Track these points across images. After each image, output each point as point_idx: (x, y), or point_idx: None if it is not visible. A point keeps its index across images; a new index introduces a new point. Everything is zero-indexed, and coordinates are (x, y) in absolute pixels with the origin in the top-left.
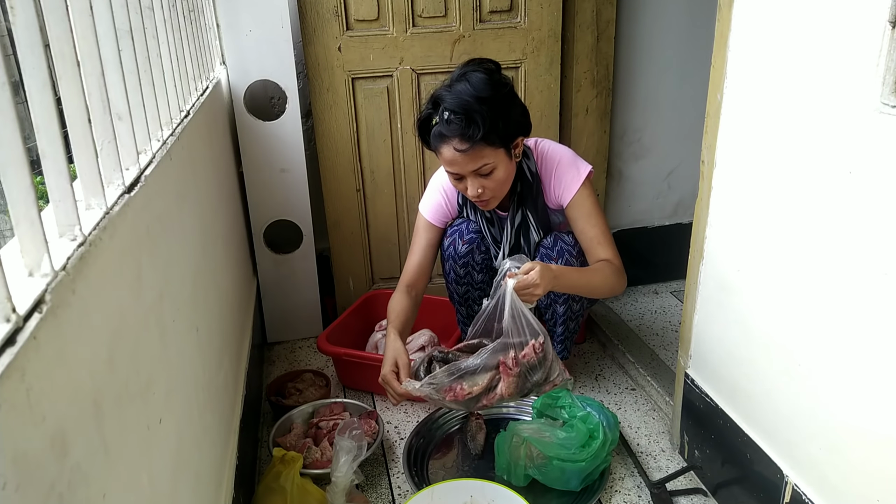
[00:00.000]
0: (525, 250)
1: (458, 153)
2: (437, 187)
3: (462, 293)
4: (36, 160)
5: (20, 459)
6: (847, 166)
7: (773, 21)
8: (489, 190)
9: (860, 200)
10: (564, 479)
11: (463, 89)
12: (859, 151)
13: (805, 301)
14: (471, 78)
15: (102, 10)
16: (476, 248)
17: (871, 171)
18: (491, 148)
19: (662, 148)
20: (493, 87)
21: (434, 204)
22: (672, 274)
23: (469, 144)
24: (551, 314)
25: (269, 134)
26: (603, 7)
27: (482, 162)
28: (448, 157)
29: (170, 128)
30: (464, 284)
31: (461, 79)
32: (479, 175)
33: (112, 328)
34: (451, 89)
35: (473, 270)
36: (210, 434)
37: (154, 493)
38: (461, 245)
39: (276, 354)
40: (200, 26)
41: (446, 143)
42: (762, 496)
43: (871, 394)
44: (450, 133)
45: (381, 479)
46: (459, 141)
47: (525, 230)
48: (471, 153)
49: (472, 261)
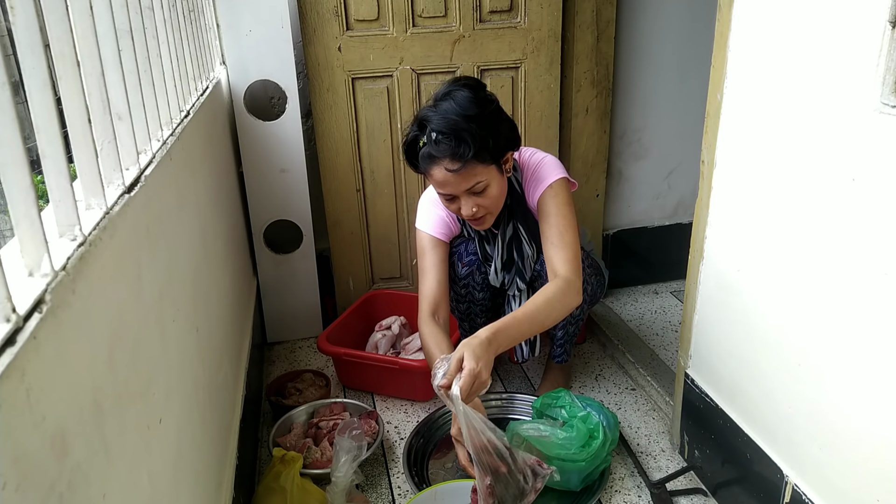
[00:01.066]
0: (518, 265)
1: (449, 173)
2: (431, 203)
3: (464, 310)
4: (36, 160)
5: (20, 459)
6: (847, 166)
7: (772, 21)
8: (483, 208)
9: (860, 200)
10: (564, 479)
11: (449, 108)
12: (859, 151)
13: (805, 301)
14: (455, 96)
15: (102, 10)
16: (476, 270)
17: (871, 170)
18: (482, 165)
19: (662, 148)
20: (479, 104)
21: (436, 219)
22: (672, 274)
23: (461, 164)
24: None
25: (269, 134)
26: (603, 7)
27: (475, 180)
28: (439, 178)
29: (170, 128)
30: (465, 303)
31: (445, 97)
32: (472, 194)
33: (112, 328)
34: (436, 109)
35: (474, 290)
36: (210, 434)
37: (154, 493)
38: (461, 267)
39: (276, 354)
40: (200, 26)
41: (436, 164)
42: (762, 496)
43: (872, 394)
44: (439, 154)
45: (381, 479)
46: (450, 161)
47: (517, 243)
48: (462, 172)
49: (472, 281)
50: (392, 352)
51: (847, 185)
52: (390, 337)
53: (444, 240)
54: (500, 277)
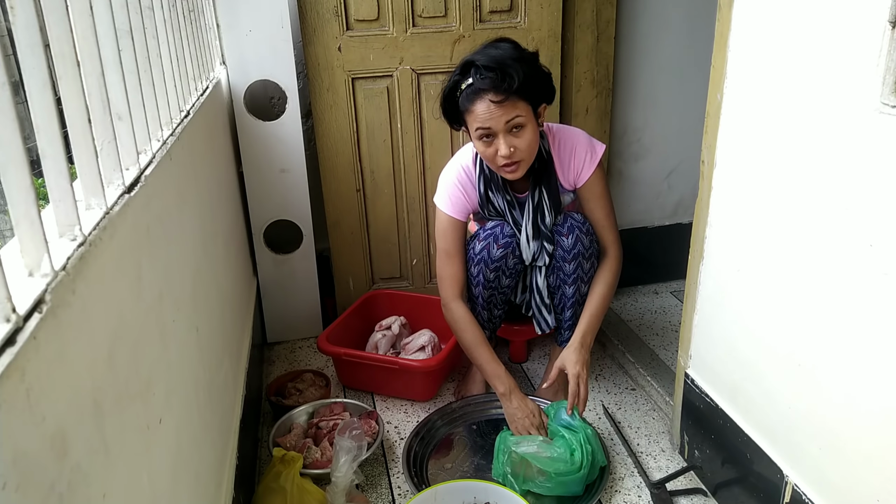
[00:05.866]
0: (544, 230)
1: (492, 104)
2: (452, 182)
3: (487, 297)
4: (36, 160)
5: (20, 459)
6: (847, 166)
7: (772, 21)
8: (519, 151)
9: (860, 200)
10: (567, 489)
11: (494, 51)
12: (859, 151)
13: (805, 301)
14: (500, 45)
15: (102, 10)
16: (510, 253)
17: (871, 170)
18: (524, 101)
19: (662, 148)
20: (523, 52)
21: (455, 199)
22: (672, 274)
23: (504, 96)
24: (559, 298)
25: (269, 134)
26: (603, 7)
27: (515, 113)
28: (481, 111)
29: (170, 128)
30: (490, 289)
31: (490, 46)
32: (510, 131)
33: (112, 328)
34: (481, 53)
35: (503, 275)
36: (210, 434)
37: (154, 493)
38: (496, 249)
39: (276, 354)
40: (200, 26)
41: (480, 97)
42: (762, 496)
43: (872, 394)
44: (485, 86)
45: (381, 479)
46: (494, 93)
47: (541, 212)
48: (506, 104)
49: (504, 265)
50: (392, 352)
51: (847, 186)
52: (390, 337)
53: (462, 220)
54: (531, 249)
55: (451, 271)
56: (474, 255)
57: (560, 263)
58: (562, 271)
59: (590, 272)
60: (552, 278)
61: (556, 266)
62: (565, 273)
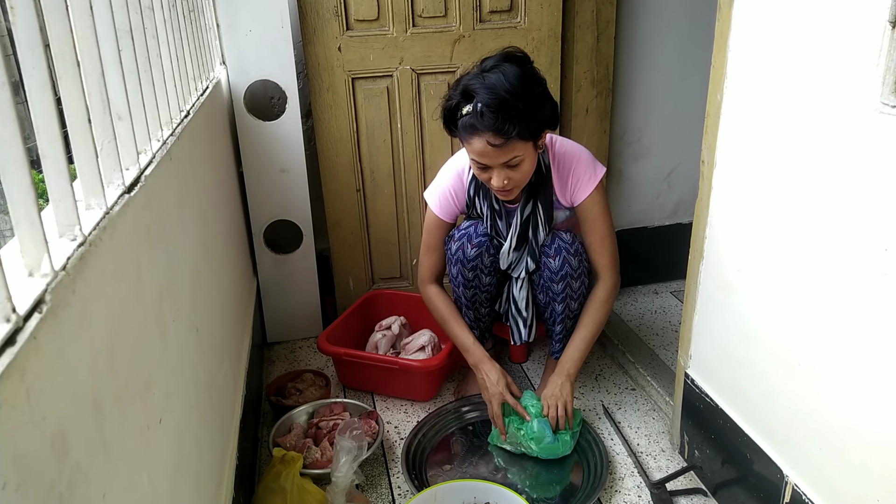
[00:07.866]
0: (532, 244)
1: (490, 147)
2: (445, 187)
3: (470, 297)
4: (36, 160)
5: (20, 459)
6: (847, 166)
7: (772, 21)
8: (513, 181)
9: (860, 200)
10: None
11: (497, 83)
12: (859, 151)
13: (805, 301)
14: (505, 71)
15: (102, 10)
16: (485, 252)
17: (871, 170)
18: (522, 142)
19: (662, 148)
20: (528, 83)
21: (444, 203)
22: (672, 274)
23: (503, 140)
24: (549, 313)
25: (269, 134)
26: (603, 7)
27: (512, 155)
28: (479, 148)
29: (170, 128)
30: (471, 288)
31: (494, 70)
32: (506, 167)
33: (112, 328)
34: (483, 81)
35: (482, 273)
36: (210, 434)
37: (154, 493)
38: (470, 249)
39: (276, 354)
40: (200, 26)
41: (478, 135)
42: (762, 496)
43: (871, 394)
44: (483, 127)
45: (381, 479)
46: (493, 136)
47: (534, 223)
48: (503, 148)
49: (480, 264)
50: (392, 352)
51: (847, 186)
52: (390, 337)
53: (449, 221)
54: (509, 258)
55: (429, 262)
56: (451, 256)
57: (548, 283)
58: (550, 290)
59: (580, 290)
60: (542, 295)
61: (545, 285)
62: (554, 292)
